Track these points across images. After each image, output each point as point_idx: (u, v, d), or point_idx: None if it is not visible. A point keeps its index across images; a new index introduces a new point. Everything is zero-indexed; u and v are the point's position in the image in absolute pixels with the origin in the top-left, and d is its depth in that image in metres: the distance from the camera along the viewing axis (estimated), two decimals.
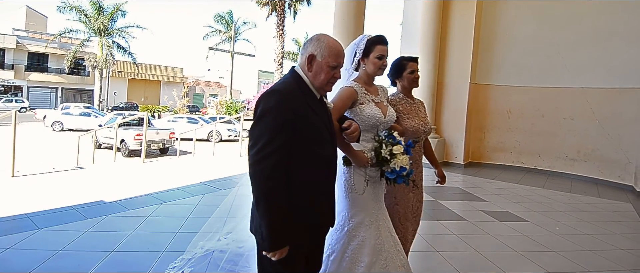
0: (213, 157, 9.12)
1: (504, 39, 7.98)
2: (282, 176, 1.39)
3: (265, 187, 1.37)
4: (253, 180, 1.39)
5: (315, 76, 1.54)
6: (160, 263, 2.82)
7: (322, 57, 1.53)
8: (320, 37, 1.57)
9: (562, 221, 4.60)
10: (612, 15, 6.95)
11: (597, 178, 7.13)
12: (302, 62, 1.57)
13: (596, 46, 7.11)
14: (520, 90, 7.89)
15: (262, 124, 1.40)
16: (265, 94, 1.46)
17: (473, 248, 3.49)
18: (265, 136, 1.38)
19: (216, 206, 4.29)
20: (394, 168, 1.85)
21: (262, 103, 1.43)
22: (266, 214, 1.38)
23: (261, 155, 1.37)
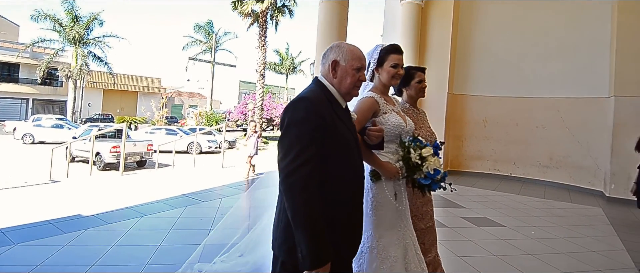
0: (194, 169, 8.98)
1: (480, 52, 8.35)
2: (315, 187, 1.31)
3: (301, 200, 1.28)
4: (287, 193, 1.29)
5: (341, 81, 1.52)
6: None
7: (346, 61, 1.53)
8: (339, 44, 1.58)
9: (537, 225, 4.78)
10: (578, 29, 7.39)
11: (568, 184, 7.46)
12: (325, 70, 1.55)
13: (565, 58, 7.52)
14: (495, 100, 8.21)
15: (292, 133, 1.33)
16: (293, 103, 1.40)
17: (453, 253, 3.58)
18: (296, 146, 1.31)
19: (199, 218, 4.28)
20: (428, 173, 1.76)
21: (289, 112, 1.37)
22: (306, 228, 1.27)
23: (293, 166, 1.29)
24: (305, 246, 1.26)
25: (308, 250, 1.26)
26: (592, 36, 7.21)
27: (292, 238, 1.31)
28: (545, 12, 7.74)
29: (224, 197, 5.39)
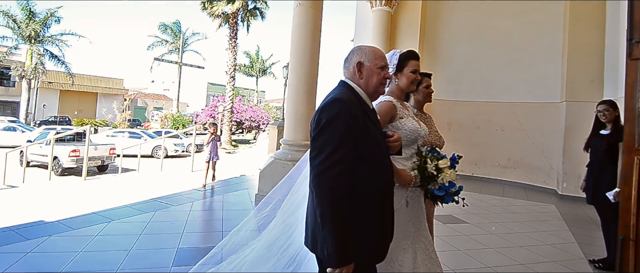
0: (161, 173, 8.74)
1: (445, 58, 8.77)
2: (345, 188, 1.32)
3: (329, 199, 1.30)
4: (317, 190, 1.33)
5: (368, 81, 1.56)
6: None
7: (369, 61, 1.57)
8: (360, 47, 1.63)
9: (498, 221, 5.10)
10: (535, 39, 7.95)
11: (525, 183, 7.97)
12: (350, 73, 1.59)
13: (523, 66, 8.06)
14: (459, 104, 8.64)
15: (326, 133, 1.35)
16: (328, 103, 1.42)
17: None
18: (330, 145, 1.33)
19: (170, 222, 4.21)
20: (443, 184, 1.76)
21: (325, 112, 1.39)
22: (333, 227, 1.29)
23: (326, 165, 1.32)
24: (331, 244, 1.28)
25: (333, 249, 1.28)
26: (547, 46, 7.79)
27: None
28: (506, 22, 8.27)
29: (194, 200, 5.31)
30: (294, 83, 5.16)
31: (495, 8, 8.35)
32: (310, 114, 5.33)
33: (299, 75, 5.11)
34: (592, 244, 4.19)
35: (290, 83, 5.25)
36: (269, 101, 50.45)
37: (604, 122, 3.44)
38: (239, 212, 4.83)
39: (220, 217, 4.58)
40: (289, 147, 5.26)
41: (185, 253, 3.32)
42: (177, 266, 3.02)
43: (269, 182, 5.21)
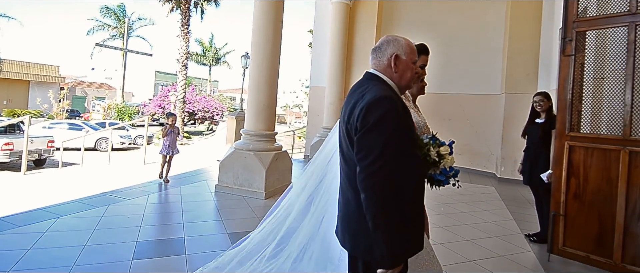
0: (109, 167, 8.26)
1: None
2: (396, 187, 1.28)
3: (382, 201, 1.26)
4: (369, 193, 1.28)
5: (402, 75, 1.51)
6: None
7: (406, 54, 1.52)
8: (395, 37, 1.56)
9: (445, 203, 5.53)
10: (479, 35, 8.56)
11: (469, 167, 8.64)
12: (383, 65, 1.51)
13: (468, 60, 8.67)
14: None
15: (375, 132, 1.30)
16: (374, 101, 1.34)
17: None
18: (379, 146, 1.28)
19: (126, 216, 4.06)
20: (443, 169, 1.81)
21: (372, 110, 1.32)
22: (386, 229, 1.26)
23: (376, 166, 1.27)
24: (386, 246, 1.26)
25: (388, 251, 1.26)
26: (490, 43, 8.44)
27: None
28: (454, 19, 8.81)
29: (150, 193, 5.14)
30: (255, 73, 5.14)
31: (444, 6, 8.86)
32: (272, 103, 5.36)
33: (260, 65, 5.09)
34: (527, 221, 4.72)
35: (251, 73, 5.22)
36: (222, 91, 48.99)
37: (539, 111, 3.87)
38: (199, 204, 4.76)
39: (180, 209, 4.49)
40: (250, 137, 5.26)
41: (145, 246, 3.25)
42: (138, 259, 2.96)
43: (230, 173, 5.19)
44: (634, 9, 2.80)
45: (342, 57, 8.54)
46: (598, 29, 3.06)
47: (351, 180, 1.41)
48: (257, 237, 2.59)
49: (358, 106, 1.36)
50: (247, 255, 2.54)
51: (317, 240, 2.14)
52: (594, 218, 3.10)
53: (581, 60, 3.21)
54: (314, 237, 2.16)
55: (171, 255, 3.09)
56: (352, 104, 1.41)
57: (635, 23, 2.79)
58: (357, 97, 1.41)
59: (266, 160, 5.09)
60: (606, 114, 3.15)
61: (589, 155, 3.12)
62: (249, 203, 4.77)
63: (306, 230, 2.23)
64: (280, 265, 2.35)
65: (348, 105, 1.46)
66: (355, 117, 1.35)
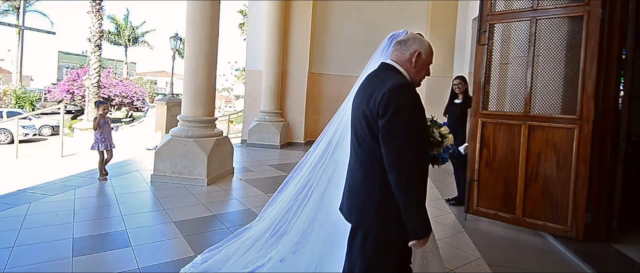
0: (18, 161, 7.31)
1: (333, 36, 9.50)
2: (420, 169, 1.42)
3: (414, 178, 1.38)
4: (400, 173, 1.38)
5: (419, 72, 1.62)
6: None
7: (426, 55, 1.60)
8: (418, 36, 1.67)
9: None
10: (405, 23, 9.17)
11: None
12: (403, 58, 1.60)
13: None
14: (344, 78, 9.48)
15: (401, 117, 1.40)
16: (398, 88, 1.43)
17: None
18: (405, 130, 1.39)
19: (54, 213, 3.73)
20: (446, 147, 1.91)
21: (394, 96, 1.41)
22: (419, 205, 1.40)
23: (405, 147, 1.38)
24: (417, 220, 1.40)
25: (420, 224, 1.41)
26: (414, 29, 9.08)
27: (386, 215, 1.47)
28: (382, 6, 9.33)
29: (77, 188, 4.73)
30: (192, 56, 4.95)
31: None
32: (211, 88, 5.23)
33: (198, 48, 4.91)
34: (446, 187, 5.38)
35: (188, 56, 5.01)
36: (142, 74, 45.04)
37: (457, 92, 4.42)
38: (136, 195, 4.54)
39: (114, 202, 4.25)
40: (189, 124, 5.10)
41: (84, 242, 3.07)
42: (79, 256, 2.80)
43: (167, 161, 5.01)
44: (535, 6, 3.37)
45: (280, 40, 8.53)
46: (506, 22, 3.60)
47: (362, 161, 1.55)
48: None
49: (378, 92, 1.44)
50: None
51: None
52: (501, 182, 3.71)
53: (491, 48, 3.75)
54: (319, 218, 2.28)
55: (116, 249, 2.97)
56: (371, 91, 1.50)
57: (536, 17, 3.36)
58: (376, 85, 1.51)
59: (207, 146, 5.01)
60: (510, 95, 3.74)
61: (498, 129, 3.71)
62: (191, 191, 4.68)
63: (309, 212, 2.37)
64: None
65: (365, 92, 1.56)
66: (376, 102, 1.43)
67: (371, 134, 1.48)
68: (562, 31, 3.28)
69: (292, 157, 7.65)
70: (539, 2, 3.36)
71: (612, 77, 3.17)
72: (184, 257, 2.85)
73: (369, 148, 1.50)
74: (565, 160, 3.35)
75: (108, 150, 5.12)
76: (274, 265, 2.42)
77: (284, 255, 2.43)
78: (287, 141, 8.87)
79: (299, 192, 2.45)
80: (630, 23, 3.10)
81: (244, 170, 6.08)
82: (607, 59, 3.14)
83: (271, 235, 2.54)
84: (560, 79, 3.36)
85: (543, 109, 3.45)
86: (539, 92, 3.47)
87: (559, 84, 3.37)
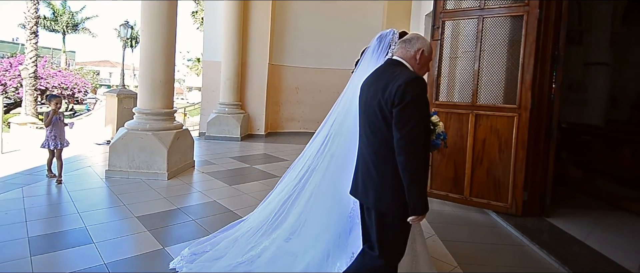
0: None
1: (293, 29, 9.53)
2: (425, 152, 1.62)
3: (420, 161, 1.57)
4: (406, 155, 1.56)
5: (421, 68, 1.80)
6: None
7: (428, 53, 1.79)
8: (421, 36, 1.83)
9: None
10: (363, 19, 9.50)
11: None
12: (409, 55, 1.77)
13: (353, 40, 9.50)
14: (304, 70, 9.60)
15: (413, 106, 1.58)
16: (413, 80, 1.61)
17: None
18: (416, 117, 1.57)
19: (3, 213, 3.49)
20: (438, 134, 2.03)
21: (410, 87, 1.58)
22: (422, 183, 1.59)
23: (414, 133, 1.56)
24: (418, 198, 1.58)
25: (421, 201, 1.58)
26: (371, 25, 9.43)
27: (401, 195, 1.61)
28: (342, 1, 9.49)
29: (24, 185, 4.42)
30: (149, 46, 4.76)
31: None
32: (170, 79, 5.08)
33: (155, 38, 4.73)
34: None
35: (144, 46, 4.81)
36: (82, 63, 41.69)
37: None
38: (91, 191, 4.34)
39: (68, 199, 4.04)
40: (146, 117, 4.93)
41: (41, 241, 2.93)
42: (38, 255, 2.68)
43: (123, 156, 4.83)
44: (482, 6, 3.70)
45: (239, 31, 8.39)
46: (457, 20, 3.91)
47: (377, 149, 1.70)
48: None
49: (393, 84, 1.62)
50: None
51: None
52: (451, 165, 4.06)
53: (442, 44, 4.05)
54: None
55: (77, 246, 2.87)
56: (384, 83, 1.67)
57: (483, 16, 3.69)
58: (388, 78, 1.67)
59: (167, 139, 4.89)
60: (459, 86, 4.08)
61: (449, 118, 4.03)
62: (151, 186, 4.56)
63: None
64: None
65: (377, 84, 1.72)
66: (391, 93, 1.60)
67: (385, 123, 1.64)
68: (505, 29, 3.65)
69: (253, 149, 7.64)
70: (486, 2, 3.69)
71: (546, 70, 3.59)
72: (153, 251, 2.83)
73: (383, 136, 1.66)
74: (506, 144, 3.74)
75: (58, 150, 4.64)
76: (269, 251, 2.50)
77: (278, 243, 2.51)
78: (247, 133, 8.81)
79: (297, 183, 2.55)
80: (562, 23, 3.52)
81: (205, 163, 6.01)
82: (542, 54, 3.55)
83: (270, 225, 2.59)
84: (503, 72, 3.72)
85: (488, 99, 3.81)
86: (484, 84, 3.83)
87: (502, 76, 3.74)
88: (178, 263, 2.57)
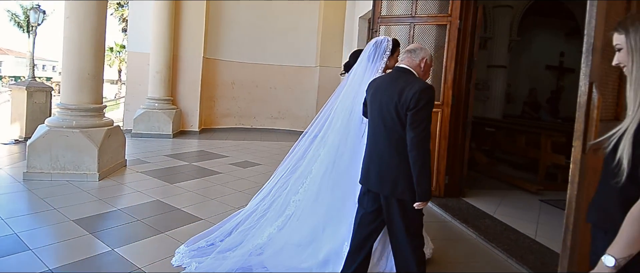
0: None
1: (229, 22, 9.29)
2: (429, 148, 1.92)
3: (428, 155, 1.87)
4: (418, 150, 1.85)
5: (425, 74, 2.14)
6: None
7: (429, 61, 2.12)
8: (423, 47, 2.15)
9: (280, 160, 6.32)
10: (299, 15, 9.67)
11: (290, 129, 9.95)
12: (415, 63, 2.07)
13: (290, 36, 9.70)
14: (240, 65, 9.48)
15: (425, 110, 1.88)
16: (426, 89, 1.89)
17: (236, 190, 4.47)
18: (427, 119, 1.88)
19: None
20: None
21: (424, 94, 1.87)
22: (427, 174, 1.87)
23: (425, 132, 1.87)
24: (426, 186, 1.88)
25: (427, 189, 1.89)
26: (308, 23, 9.70)
27: (412, 182, 1.90)
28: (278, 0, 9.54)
29: None
30: (75, 36, 4.35)
31: None
32: (100, 72, 4.72)
33: (82, 27, 4.34)
34: None
35: (68, 35, 4.37)
36: None
37: None
38: (9, 196, 3.85)
39: None
40: (72, 113, 4.52)
41: None
42: None
43: (45, 156, 4.40)
44: (413, 13, 4.18)
45: (170, 21, 7.93)
46: (392, 25, 4.34)
47: (392, 144, 1.97)
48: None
49: (409, 91, 1.90)
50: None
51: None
52: None
53: None
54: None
55: (12, 254, 2.62)
56: (400, 88, 1.94)
57: (413, 23, 4.17)
58: (404, 84, 1.96)
59: (97, 137, 4.55)
60: None
61: None
62: (81, 188, 4.22)
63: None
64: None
65: (392, 89, 1.99)
66: (407, 98, 1.88)
67: (400, 123, 1.91)
68: (432, 36, 4.18)
69: (188, 145, 7.39)
70: (416, 10, 4.18)
71: (464, 72, 4.21)
72: (102, 253, 2.72)
73: (398, 134, 1.93)
74: (431, 136, 4.30)
75: None
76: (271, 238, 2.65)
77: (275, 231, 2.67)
78: (179, 130, 8.43)
79: (299, 174, 2.74)
80: (477, 32, 4.16)
81: (138, 162, 5.68)
82: (461, 58, 4.15)
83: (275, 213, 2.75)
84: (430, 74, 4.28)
85: None
86: None
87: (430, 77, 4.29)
88: (181, 260, 2.58)
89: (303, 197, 2.66)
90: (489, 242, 3.29)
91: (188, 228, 3.27)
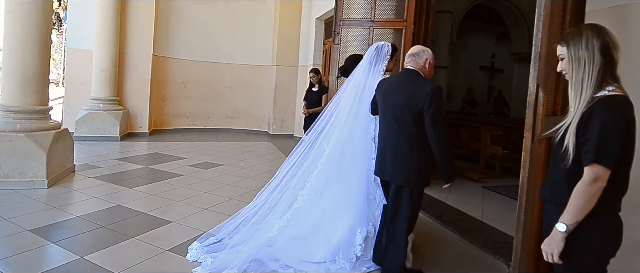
0: None
1: (180, 19, 8.93)
2: (448, 139, 2.24)
3: (448, 143, 2.20)
4: (439, 139, 2.16)
5: (430, 73, 2.40)
6: None
7: (432, 61, 2.39)
8: (425, 48, 2.40)
9: (241, 159, 6.43)
10: (254, 15, 9.60)
11: (247, 128, 9.90)
12: (420, 65, 2.34)
13: (245, 34, 9.61)
14: (193, 63, 9.19)
15: (440, 107, 2.16)
16: (437, 90, 2.17)
17: (202, 191, 4.43)
18: (441, 117, 2.17)
19: None
20: None
21: (435, 94, 2.15)
22: (451, 159, 2.23)
23: (443, 128, 2.18)
24: (450, 169, 2.25)
25: (452, 171, 2.26)
26: (263, 22, 9.66)
27: (425, 174, 2.28)
28: None
29: None
30: (18, 32, 3.98)
31: None
32: (45, 72, 4.38)
33: (26, 22, 3.98)
34: None
35: (10, 31, 3.98)
36: None
37: (313, 83, 5.26)
38: None
39: None
40: (15, 115, 4.16)
41: None
42: None
43: None
44: (372, 18, 4.46)
45: (116, 16, 7.42)
46: (353, 28, 4.59)
47: (406, 139, 2.26)
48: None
49: (421, 91, 2.19)
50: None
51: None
52: None
53: (340, 47, 4.70)
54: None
55: None
56: (411, 90, 2.24)
57: (373, 27, 4.46)
58: (415, 86, 2.25)
59: (45, 141, 4.22)
60: None
61: None
62: (29, 196, 3.90)
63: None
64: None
65: (404, 90, 2.27)
66: (420, 98, 2.18)
67: (414, 120, 2.20)
68: (389, 38, 4.49)
69: (140, 148, 7.05)
70: (375, 15, 4.48)
71: None
72: (71, 261, 2.61)
73: (410, 130, 2.22)
74: None
75: None
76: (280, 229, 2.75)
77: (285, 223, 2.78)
78: (127, 132, 7.98)
79: (306, 168, 2.87)
80: (428, 36, 4.57)
81: (87, 167, 5.33)
82: None
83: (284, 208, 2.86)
84: None
85: None
86: None
87: None
88: (196, 255, 2.64)
89: (310, 190, 2.79)
90: (444, 225, 3.68)
91: (159, 232, 3.21)
